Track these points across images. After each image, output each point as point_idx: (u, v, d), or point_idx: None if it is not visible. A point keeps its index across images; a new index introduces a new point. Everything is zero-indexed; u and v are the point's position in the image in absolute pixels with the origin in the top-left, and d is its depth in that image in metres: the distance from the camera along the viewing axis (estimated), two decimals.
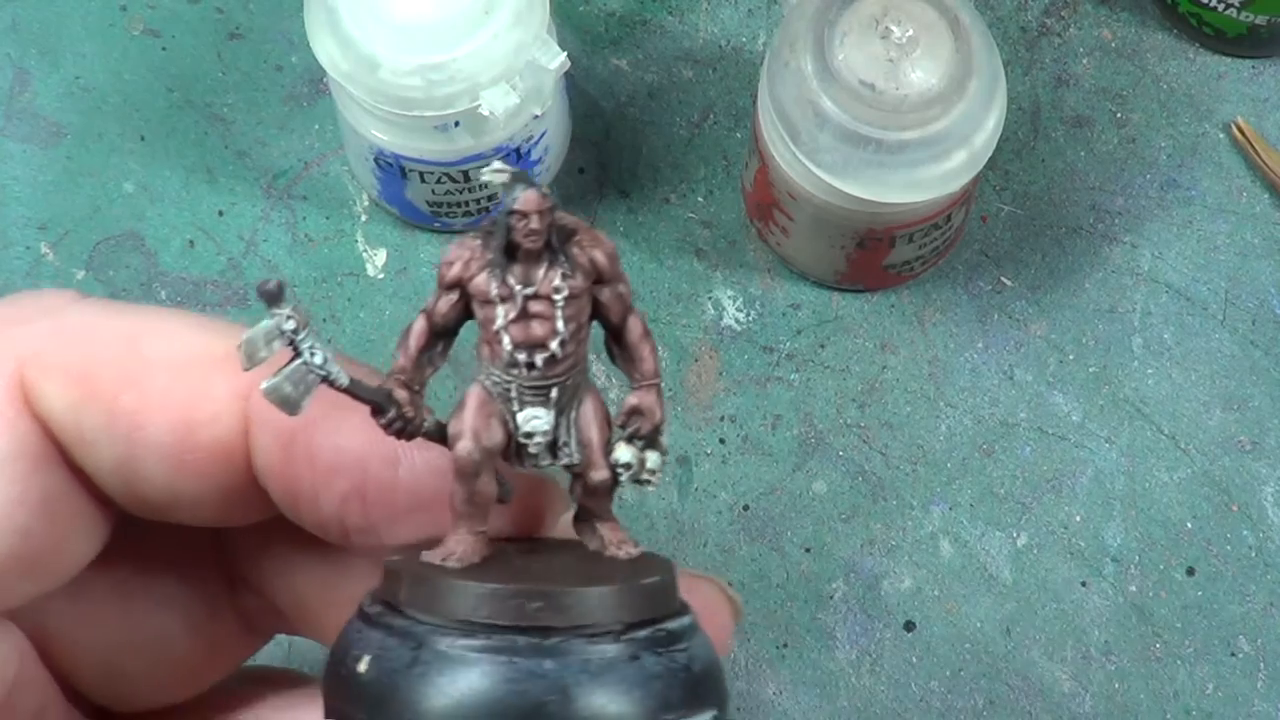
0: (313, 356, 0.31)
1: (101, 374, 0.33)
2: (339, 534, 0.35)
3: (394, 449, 0.34)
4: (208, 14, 0.68)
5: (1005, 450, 0.64)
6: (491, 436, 0.33)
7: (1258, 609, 0.62)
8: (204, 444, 0.33)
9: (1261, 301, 0.66)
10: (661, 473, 0.33)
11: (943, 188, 0.57)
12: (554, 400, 0.33)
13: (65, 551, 0.34)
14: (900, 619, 0.62)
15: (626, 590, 0.31)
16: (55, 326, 0.33)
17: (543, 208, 0.32)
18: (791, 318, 0.65)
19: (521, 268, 0.33)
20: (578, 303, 0.33)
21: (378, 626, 0.31)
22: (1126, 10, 0.69)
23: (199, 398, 0.33)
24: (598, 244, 0.33)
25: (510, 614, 0.30)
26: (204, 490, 0.34)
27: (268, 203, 0.66)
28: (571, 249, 0.33)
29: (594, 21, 0.68)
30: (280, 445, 0.33)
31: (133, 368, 0.33)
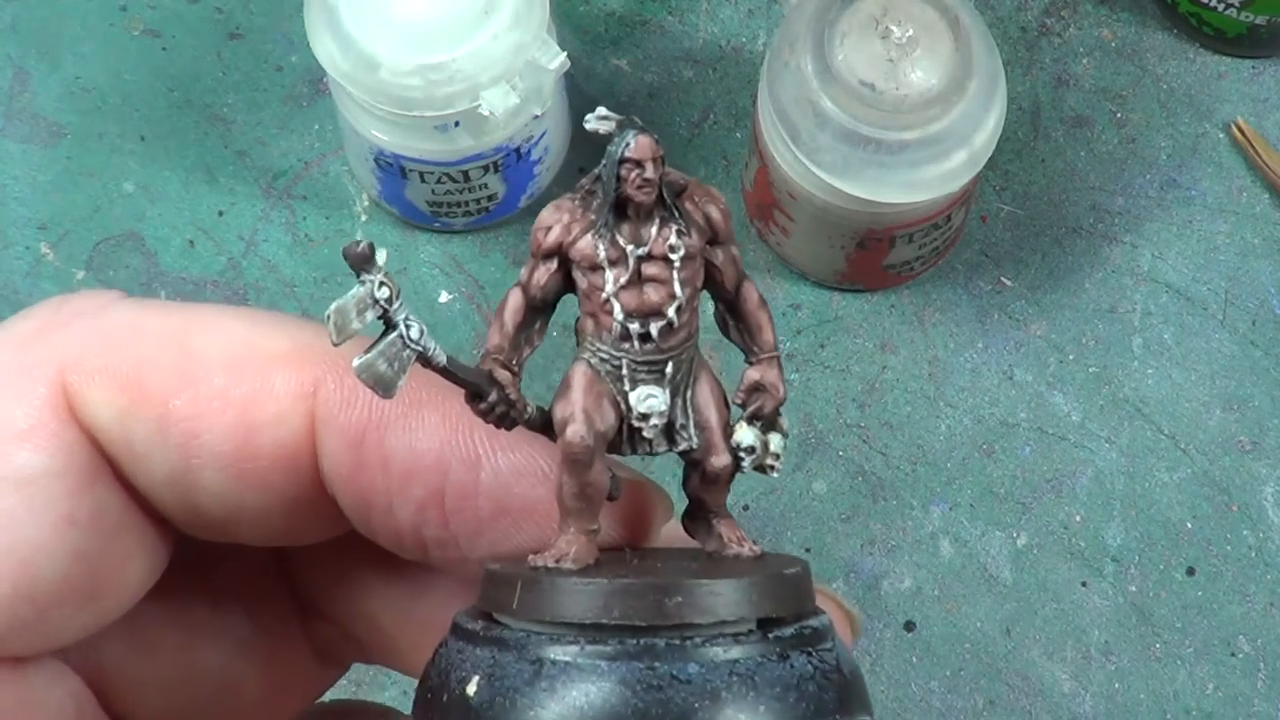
0: (409, 329, 0.27)
1: (150, 377, 0.30)
2: (416, 547, 0.31)
3: (475, 450, 0.30)
4: (208, 14, 0.68)
5: (1005, 450, 0.64)
6: (604, 419, 0.29)
7: (1258, 609, 0.62)
8: (266, 449, 0.30)
9: (1261, 301, 0.66)
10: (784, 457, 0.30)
11: (943, 188, 0.57)
12: (669, 377, 0.29)
13: (121, 578, 0.31)
14: (900, 619, 0.62)
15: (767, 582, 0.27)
16: (98, 328, 0.30)
17: (657, 154, 0.28)
18: (791, 318, 0.65)
19: (631, 226, 0.29)
20: (693, 264, 0.29)
21: (485, 643, 0.27)
22: (1126, 10, 0.69)
23: (258, 398, 0.30)
24: (711, 199, 0.29)
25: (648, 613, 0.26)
26: (267, 503, 0.31)
27: (268, 203, 0.66)
28: (685, 204, 0.29)
29: (594, 21, 0.68)
30: (350, 448, 0.30)
31: (184, 368, 0.30)
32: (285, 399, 0.30)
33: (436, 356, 0.28)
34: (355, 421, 0.29)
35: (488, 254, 0.66)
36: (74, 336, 0.30)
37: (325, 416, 0.30)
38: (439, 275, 0.65)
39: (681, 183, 0.29)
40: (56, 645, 0.30)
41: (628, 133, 0.28)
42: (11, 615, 0.29)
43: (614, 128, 0.28)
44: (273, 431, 0.30)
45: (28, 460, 0.29)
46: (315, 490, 0.31)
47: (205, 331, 0.30)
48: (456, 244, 0.66)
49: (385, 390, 0.27)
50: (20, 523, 0.29)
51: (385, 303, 0.27)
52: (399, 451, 0.30)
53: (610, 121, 0.28)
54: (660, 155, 0.28)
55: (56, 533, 0.29)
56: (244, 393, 0.30)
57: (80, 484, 0.29)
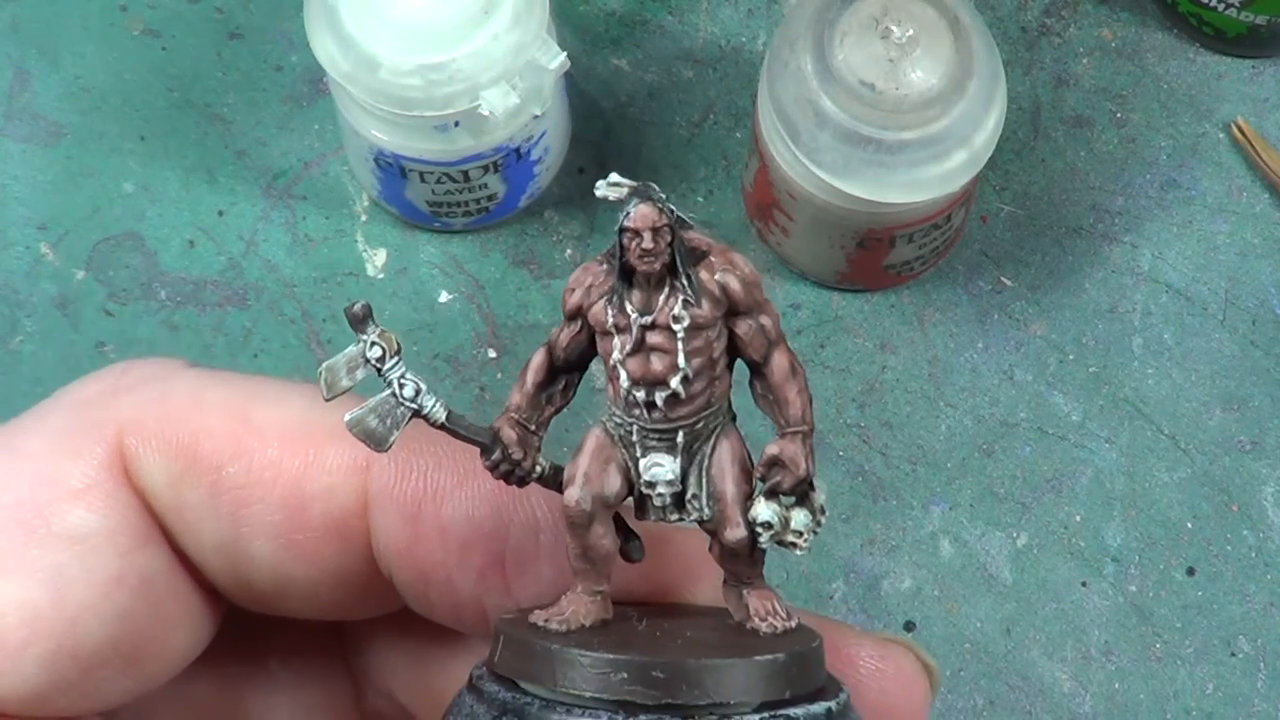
0: (401, 388, 0.29)
1: (206, 445, 0.30)
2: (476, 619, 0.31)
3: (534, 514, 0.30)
4: (208, 14, 0.68)
5: (1005, 450, 0.64)
6: (608, 485, 0.29)
7: (1258, 609, 0.62)
8: (316, 521, 0.30)
9: (1261, 301, 0.66)
10: (812, 535, 0.29)
11: (943, 188, 0.57)
12: (680, 446, 0.29)
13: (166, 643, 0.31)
14: (900, 619, 0.62)
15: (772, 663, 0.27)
16: (159, 394, 0.31)
17: (658, 224, 0.28)
18: (791, 318, 0.65)
19: (641, 294, 0.29)
20: (704, 334, 0.29)
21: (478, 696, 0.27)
22: (1126, 10, 0.69)
23: (312, 470, 0.30)
24: (731, 268, 0.29)
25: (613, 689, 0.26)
26: (317, 576, 0.31)
27: (268, 203, 0.66)
28: (700, 272, 0.29)
29: (594, 21, 0.68)
30: (406, 521, 0.30)
31: (240, 439, 0.30)
32: (338, 473, 0.30)
33: (434, 414, 0.29)
34: (411, 495, 0.30)
35: (488, 254, 0.66)
36: (135, 401, 0.30)
37: (380, 491, 0.30)
38: (439, 275, 0.65)
39: (703, 248, 0.29)
40: (101, 707, 0.30)
41: (632, 201, 0.28)
42: (56, 673, 0.29)
43: (624, 194, 0.28)
44: (324, 505, 0.30)
45: (82, 519, 0.29)
46: (366, 566, 0.31)
47: (263, 404, 0.31)
48: (456, 244, 0.66)
49: (377, 445, 0.28)
50: (70, 580, 0.29)
51: (377, 362, 0.29)
52: (457, 521, 0.30)
53: (621, 188, 0.28)
54: (663, 224, 0.28)
55: (105, 593, 0.29)
56: (297, 465, 0.30)
57: (131, 546, 0.29)
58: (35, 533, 0.29)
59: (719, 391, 0.29)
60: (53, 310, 0.64)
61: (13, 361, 0.64)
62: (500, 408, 0.30)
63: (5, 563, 0.29)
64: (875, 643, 0.30)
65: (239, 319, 0.64)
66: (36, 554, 0.29)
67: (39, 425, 0.30)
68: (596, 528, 0.29)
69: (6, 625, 0.29)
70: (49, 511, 0.29)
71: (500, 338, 0.64)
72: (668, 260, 0.28)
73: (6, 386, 0.63)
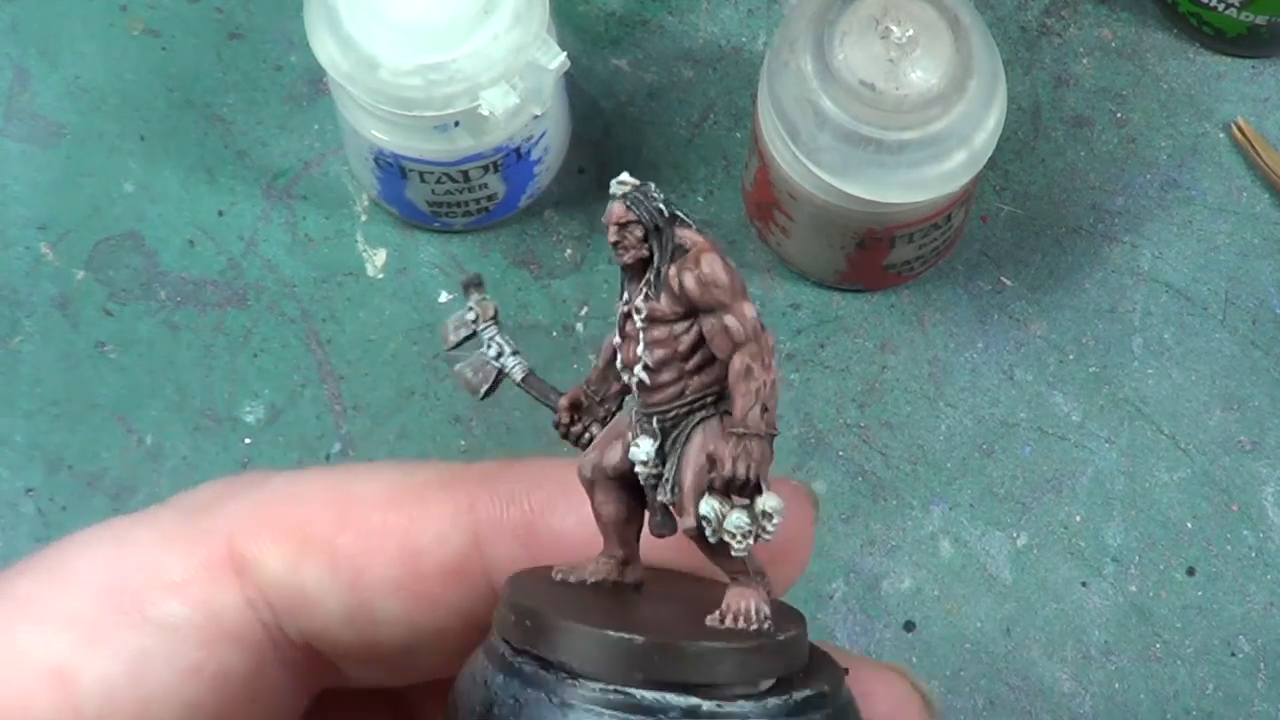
0: (488, 349, 0.33)
1: (314, 524, 0.32)
2: None
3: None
4: (208, 14, 0.68)
5: (1005, 450, 0.64)
6: (608, 456, 0.31)
7: (1258, 609, 0.62)
8: (433, 568, 0.31)
9: (1261, 301, 0.66)
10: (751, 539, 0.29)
11: (943, 188, 0.57)
12: (657, 431, 0.30)
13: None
14: (900, 619, 0.62)
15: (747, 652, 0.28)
16: (261, 494, 0.32)
17: (622, 220, 0.29)
18: (791, 318, 0.65)
19: (628, 284, 0.30)
20: (668, 327, 0.29)
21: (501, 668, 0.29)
22: (1126, 10, 0.69)
23: (419, 523, 0.32)
24: (692, 267, 0.29)
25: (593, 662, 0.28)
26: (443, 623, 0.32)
27: (268, 203, 0.66)
28: (668, 269, 0.29)
29: (594, 21, 0.68)
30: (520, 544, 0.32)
31: (345, 512, 0.32)
32: (444, 519, 0.32)
33: (513, 373, 0.33)
34: (521, 518, 0.31)
35: (488, 254, 0.66)
36: (240, 504, 0.32)
37: (489, 524, 0.32)
38: (439, 275, 0.65)
39: (685, 246, 0.30)
40: None
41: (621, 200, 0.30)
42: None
43: (625, 192, 0.30)
44: (436, 551, 0.32)
45: (173, 610, 0.31)
46: (488, 604, 0.32)
47: (359, 479, 0.33)
48: (456, 244, 0.66)
49: (473, 392, 0.32)
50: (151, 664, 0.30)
51: (471, 323, 0.33)
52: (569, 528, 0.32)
53: (624, 186, 0.30)
54: (628, 220, 0.29)
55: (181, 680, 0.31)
56: (404, 521, 0.32)
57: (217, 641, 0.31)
58: (127, 615, 0.31)
59: (696, 384, 0.30)
60: (53, 310, 0.64)
61: (13, 361, 0.64)
62: (500, 408, 0.32)
63: (93, 637, 0.31)
64: (862, 668, 0.31)
65: (239, 319, 0.64)
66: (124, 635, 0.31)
67: (151, 520, 0.32)
68: (597, 494, 0.31)
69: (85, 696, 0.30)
70: (144, 598, 0.31)
71: None
72: (644, 255, 0.29)
73: (6, 386, 0.63)
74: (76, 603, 0.31)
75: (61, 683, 0.30)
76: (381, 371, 0.64)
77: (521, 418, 0.62)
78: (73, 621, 0.30)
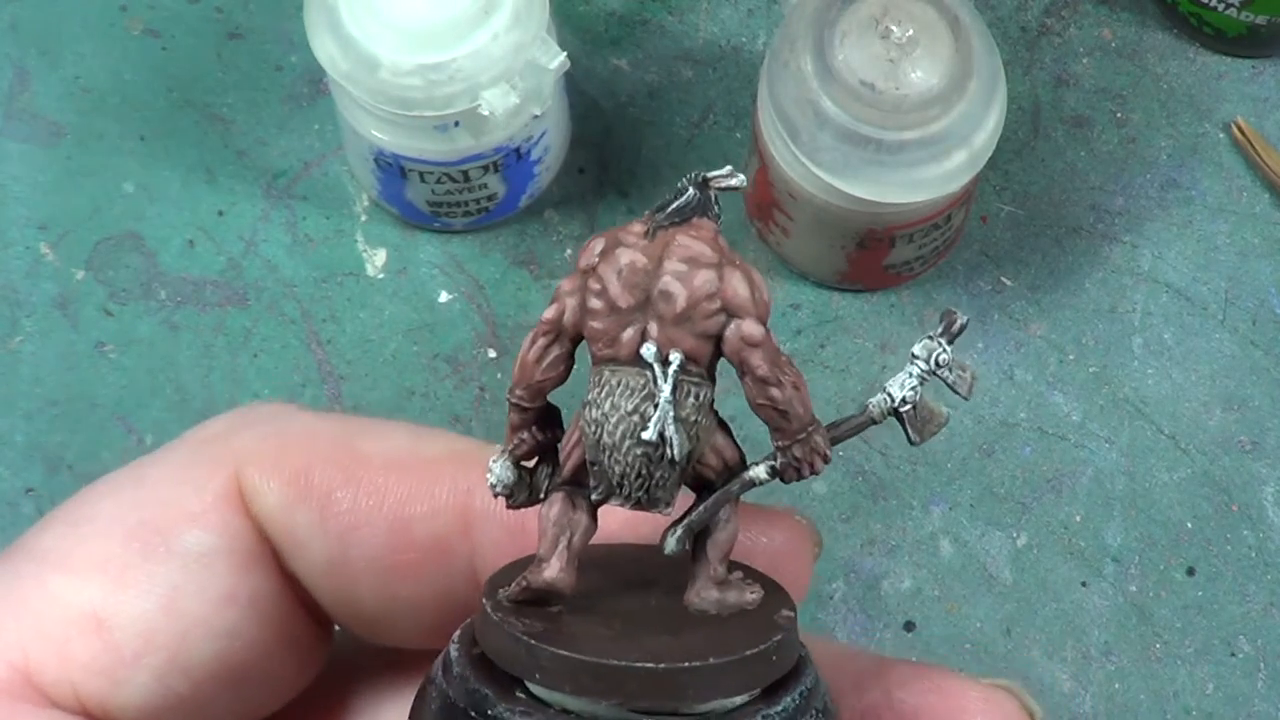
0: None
1: (316, 473, 0.32)
2: None
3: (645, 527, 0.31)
4: (208, 14, 0.68)
5: (1005, 450, 0.64)
6: None
7: (1258, 609, 0.62)
8: (419, 541, 0.32)
9: (1261, 301, 0.66)
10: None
11: (943, 188, 0.57)
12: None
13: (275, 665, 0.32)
14: (900, 619, 0.62)
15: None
16: (275, 430, 0.33)
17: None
18: (791, 318, 0.65)
19: None
20: None
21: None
22: (1126, 10, 0.69)
23: (416, 494, 0.32)
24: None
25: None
26: (420, 597, 0.32)
27: (268, 203, 0.66)
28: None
29: (594, 21, 0.68)
30: (510, 535, 0.32)
31: (349, 466, 0.32)
32: (441, 495, 0.32)
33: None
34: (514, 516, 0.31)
35: (488, 254, 0.66)
36: (251, 436, 0.33)
37: (484, 512, 0.32)
38: (439, 275, 0.65)
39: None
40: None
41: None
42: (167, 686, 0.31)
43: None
44: (426, 524, 0.32)
45: (198, 539, 0.31)
46: (468, 587, 0.32)
47: (371, 435, 0.33)
48: (456, 244, 0.66)
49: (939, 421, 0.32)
50: (184, 595, 0.31)
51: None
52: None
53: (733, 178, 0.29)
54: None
55: (216, 609, 0.31)
56: (402, 490, 0.32)
57: (243, 566, 0.32)
58: (154, 551, 0.31)
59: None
60: (53, 310, 0.64)
61: (13, 361, 0.64)
62: (500, 408, 0.31)
63: (123, 578, 0.31)
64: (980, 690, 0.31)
65: (239, 319, 0.64)
66: (153, 569, 0.31)
67: (164, 458, 0.33)
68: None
69: (123, 636, 0.31)
70: (167, 532, 0.31)
71: (500, 338, 0.64)
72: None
73: (6, 386, 0.63)
74: (103, 546, 0.31)
75: (98, 626, 0.30)
76: (381, 371, 0.64)
77: None
78: (102, 565, 0.31)
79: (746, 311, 0.28)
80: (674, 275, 0.28)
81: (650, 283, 0.28)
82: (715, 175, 0.29)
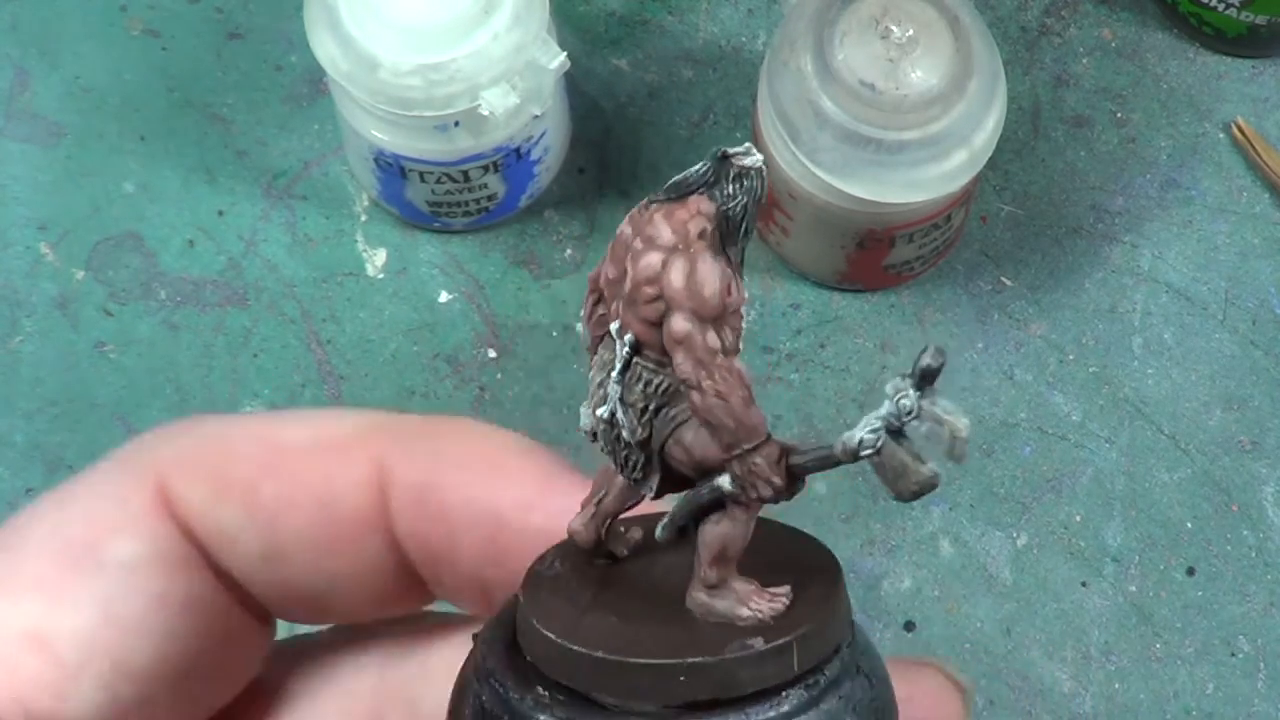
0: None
1: (238, 468, 0.33)
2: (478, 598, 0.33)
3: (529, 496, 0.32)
4: (208, 14, 0.68)
5: (1005, 450, 0.64)
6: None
7: (1258, 609, 0.62)
8: (344, 515, 0.33)
9: (1261, 301, 0.66)
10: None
11: (943, 188, 0.57)
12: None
13: (217, 661, 0.33)
14: (900, 619, 0.62)
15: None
16: (190, 435, 0.34)
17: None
18: (791, 318, 0.65)
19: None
20: None
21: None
22: (1126, 10, 0.69)
23: (334, 472, 0.33)
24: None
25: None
26: (352, 571, 0.33)
27: (268, 203, 0.66)
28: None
29: (594, 21, 0.68)
30: (413, 502, 0.33)
31: (267, 457, 0.33)
32: (359, 468, 0.33)
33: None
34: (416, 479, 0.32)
35: (488, 254, 0.66)
36: (169, 445, 0.34)
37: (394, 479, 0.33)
38: (439, 275, 0.65)
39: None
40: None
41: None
42: (114, 692, 0.32)
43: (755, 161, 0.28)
44: (348, 498, 0.33)
45: (126, 548, 0.32)
46: (396, 556, 0.33)
47: (289, 425, 0.34)
48: (456, 244, 0.66)
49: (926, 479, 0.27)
50: (116, 602, 0.32)
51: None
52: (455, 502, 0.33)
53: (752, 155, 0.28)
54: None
55: (151, 611, 0.32)
56: (321, 470, 0.33)
57: (172, 569, 0.32)
58: (85, 565, 0.32)
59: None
60: (53, 310, 0.64)
61: (13, 361, 0.64)
62: (500, 407, 0.31)
63: (59, 594, 0.32)
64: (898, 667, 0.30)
65: (239, 319, 0.65)
66: (86, 583, 0.32)
67: (88, 477, 0.33)
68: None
69: (65, 650, 0.31)
70: (96, 546, 0.32)
71: (500, 338, 0.64)
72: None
73: (6, 386, 0.63)
74: (36, 567, 0.32)
75: (39, 643, 0.31)
76: (381, 371, 0.64)
77: (522, 418, 0.62)
78: (38, 584, 0.32)
79: (676, 304, 0.27)
80: (631, 254, 0.27)
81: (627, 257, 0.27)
82: (735, 152, 0.28)
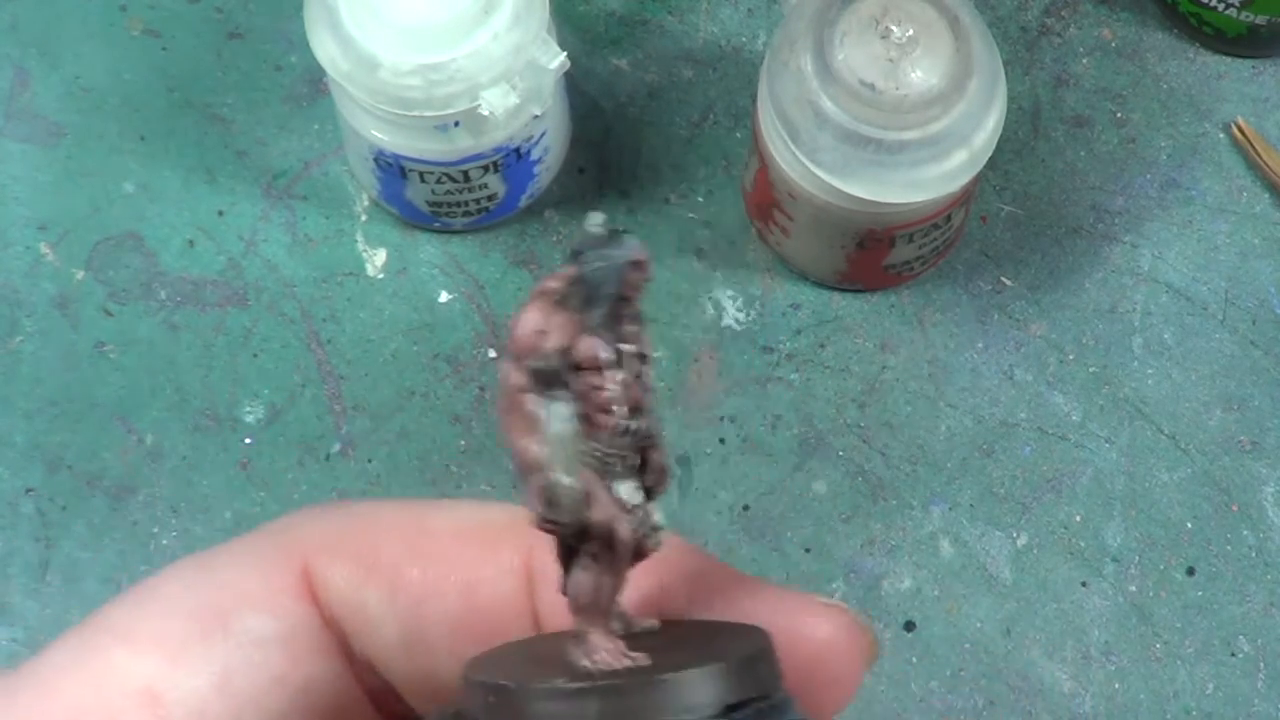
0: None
1: (385, 551, 0.33)
2: None
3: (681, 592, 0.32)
4: (208, 14, 0.68)
5: (1005, 450, 0.64)
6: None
7: (1258, 609, 0.62)
8: (486, 603, 0.33)
9: (1261, 301, 0.66)
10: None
11: (943, 188, 0.57)
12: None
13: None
14: (900, 619, 0.62)
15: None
16: (339, 516, 0.34)
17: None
18: (791, 318, 0.65)
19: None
20: None
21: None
22: (1126, 10, 0.69)
23: (481, 557, 0.33)
24: None
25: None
26: None
27: (268, 203, 0.66)
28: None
29: (594, 21, 0.68)
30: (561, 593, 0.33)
31: (415, 543, 0.33)
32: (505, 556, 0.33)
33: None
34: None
35: (488, 254, 0.66)
36: (316, 524, 0.34)
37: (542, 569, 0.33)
38: (439, 275, 0.65)
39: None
40: None
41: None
42: None
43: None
44: (492, 586, 0.33)
45: (256, 623, 0.32)
46: None
47: (435, 513, 0.34)
48: (456, 244, 0.66)
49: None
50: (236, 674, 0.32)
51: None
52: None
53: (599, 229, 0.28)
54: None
55: (268, 690, 0.32)
56: (468, 556, 0.33)
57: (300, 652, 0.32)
58: (212, 631, 0.32)
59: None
60: (53, 310, 0.64)
61: (13, 361, 0.64)
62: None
63: (179, 655, 0.32)
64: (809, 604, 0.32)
65: (239, 319, 0.65)
66: (209, 649, 0.32)
67: (234, 547, 0.34)
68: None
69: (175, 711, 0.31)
70: (226, 614, 0.32)
71: (500, 338, 0.64)
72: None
73: (6, 386, 0.63)
74: (164, 624, 0.32)
75: (152, 700, 0.31)
76: (381, 371, 0.64)
77: None
78: (161, 641, 0.32)
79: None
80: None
81: None
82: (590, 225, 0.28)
